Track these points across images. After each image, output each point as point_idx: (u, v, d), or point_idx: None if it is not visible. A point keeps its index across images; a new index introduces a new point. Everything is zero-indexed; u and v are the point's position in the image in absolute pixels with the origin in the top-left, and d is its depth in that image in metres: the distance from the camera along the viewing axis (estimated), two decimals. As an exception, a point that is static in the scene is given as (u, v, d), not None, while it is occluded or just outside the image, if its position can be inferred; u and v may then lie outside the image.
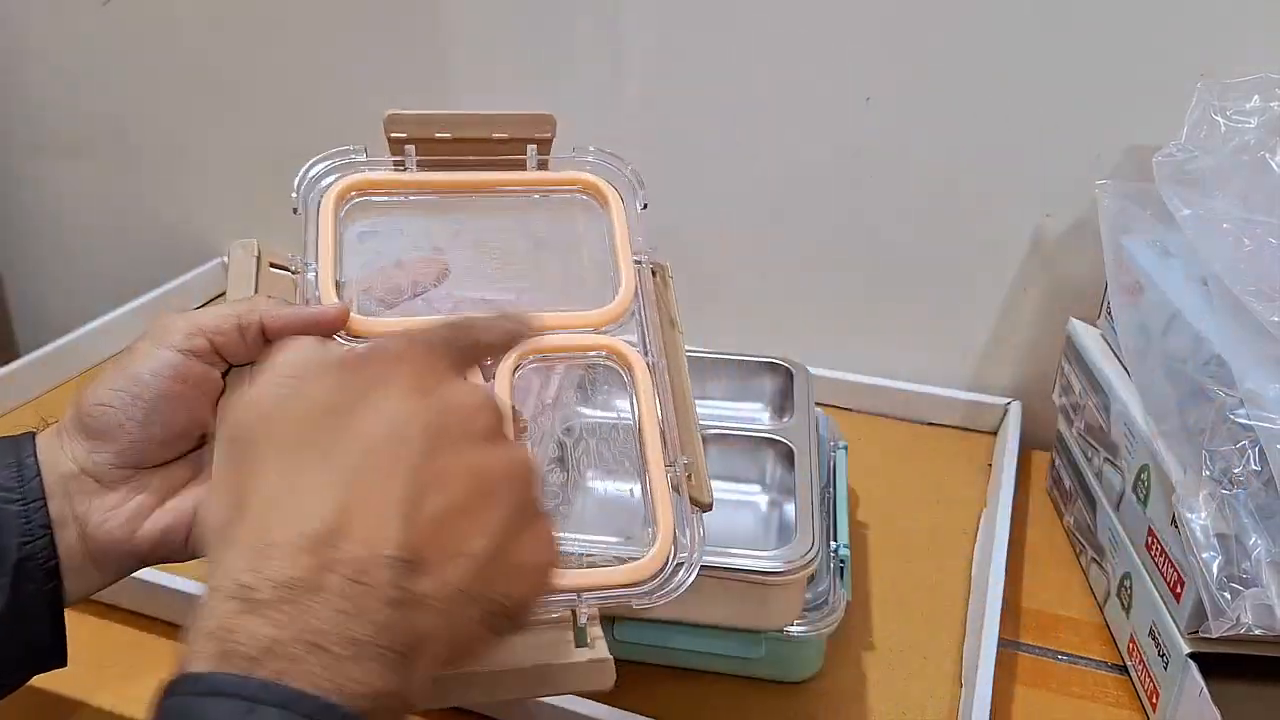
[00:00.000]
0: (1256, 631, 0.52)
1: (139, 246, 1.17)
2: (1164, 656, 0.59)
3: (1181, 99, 0.66)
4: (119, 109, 1.11)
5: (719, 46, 0.86)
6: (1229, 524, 0.53)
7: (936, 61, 0.82)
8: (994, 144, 0.83)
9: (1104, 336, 0.74)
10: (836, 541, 0.63)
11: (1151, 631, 0.61)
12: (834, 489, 0.68)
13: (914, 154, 0.85)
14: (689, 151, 0.91)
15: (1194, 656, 0.56)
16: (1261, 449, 0.52)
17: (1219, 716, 0.52)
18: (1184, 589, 0.57)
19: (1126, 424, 0.66)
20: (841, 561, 0.62)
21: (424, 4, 0.93)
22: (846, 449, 0.73)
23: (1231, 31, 0.74)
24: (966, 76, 0.81)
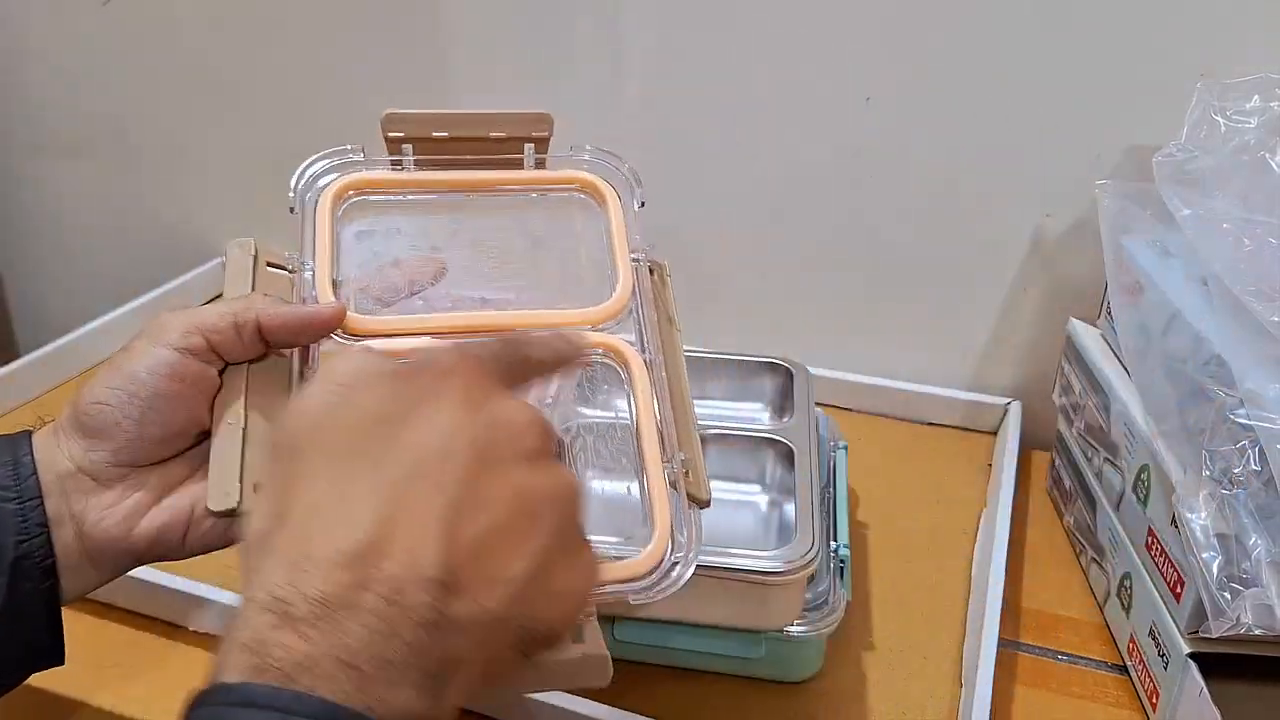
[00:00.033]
0: (1256, 631, 0.52)
1: (139, 246, 1.17)
2: (1164, 656, 0.59)
3: (1181, 99, 0.66)
4: (119, 109, 1.11)
5: (719, 46, 0.86)
6: (1229, 524, 0.53)
7: (936, 61, 0.82)
8: (994, 144, 0.83)
9: (1104, 336, 0.74)
10: (836, 541, 0.63)
11: (1151, 631, 0.61)
12: (834, 489, 0.68)
13: (914, 154, 0.85)
14: (689, 151, 0.91)
15: (1194, 656, 0.56)
16: (1261, 449, 0.52)
17: (1219, 716, 0.52)
18: (1184, 589, 0.57)
19: (1126, 424, 0.66)
20: (841, 561, 0.62)
21: (424, 4, 0.93)
22: (846, 449, 0.73)
23: (1231, 31, 0.74)
24: (966, 76, 0.81)
